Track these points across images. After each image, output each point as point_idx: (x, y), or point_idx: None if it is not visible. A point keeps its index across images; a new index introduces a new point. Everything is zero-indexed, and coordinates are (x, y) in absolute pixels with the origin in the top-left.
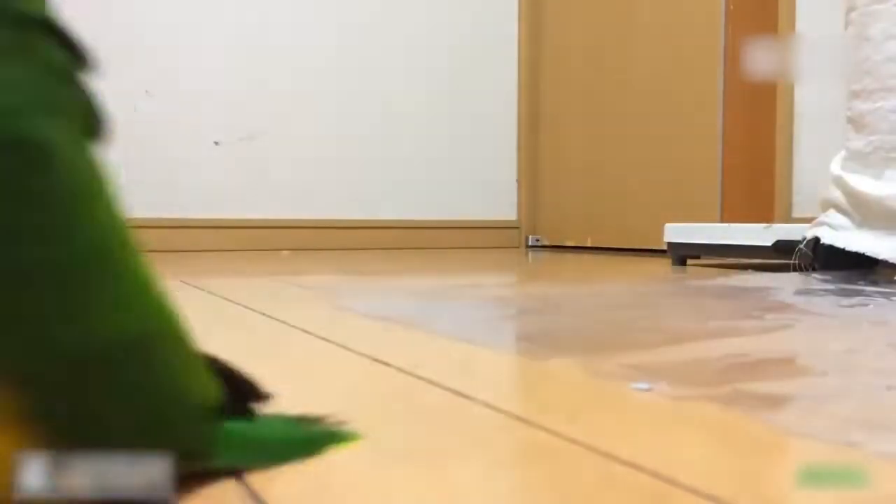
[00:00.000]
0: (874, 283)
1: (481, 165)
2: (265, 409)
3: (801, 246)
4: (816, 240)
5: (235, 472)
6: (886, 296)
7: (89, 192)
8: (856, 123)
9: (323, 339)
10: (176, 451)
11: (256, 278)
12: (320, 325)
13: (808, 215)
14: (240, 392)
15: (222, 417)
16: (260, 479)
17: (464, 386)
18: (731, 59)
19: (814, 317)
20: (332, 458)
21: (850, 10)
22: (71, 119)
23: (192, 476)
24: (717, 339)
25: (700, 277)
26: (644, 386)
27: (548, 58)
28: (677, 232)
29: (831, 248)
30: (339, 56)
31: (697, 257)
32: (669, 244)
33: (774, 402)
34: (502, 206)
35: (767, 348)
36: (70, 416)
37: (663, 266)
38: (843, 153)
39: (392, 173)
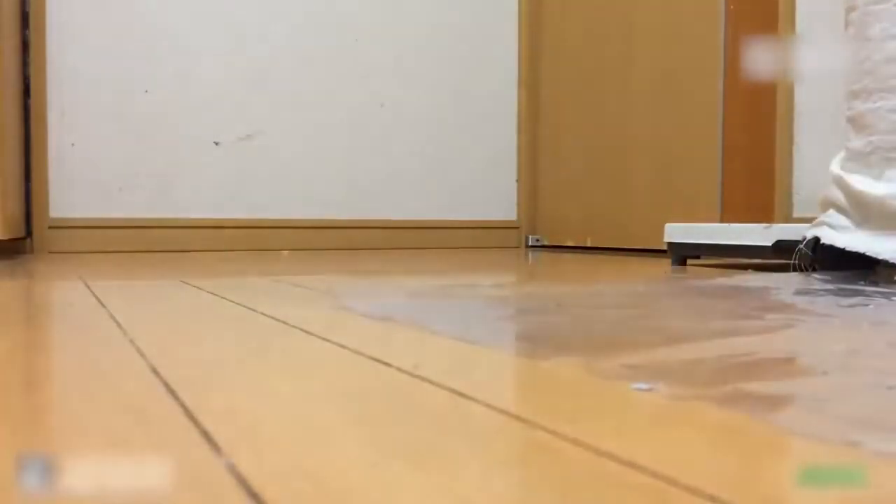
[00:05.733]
0: (874, 283)
1: (481, 165)
2: None
3: (801, 246)
4: (816, 240)
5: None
6: (886, 296)
7: None
8: (856, 123)
9: (323, 338)
10: None
11: (256, 278)
12: (320, 324)
13: (808, 215)
14: None
15: None
16: (260, 480)
17: (464, 386)
18: (731, 59)
19: (814, 317)
20: (332, 459)
21: (850, 10)
22: None
23: None
24: (717, 339)
25: (700, 277)
26: (644, 386)
27: (547, 58)
28: (677, 232)
29: (831, 248)
30: (339, 57)
31: (697, 257)
32: (669, 244)
33: (774, 402)
34: (502, 206)
35: (767, 348)
36: None
37: (663, 266)
38: (843, 153)
39: (392, 173)
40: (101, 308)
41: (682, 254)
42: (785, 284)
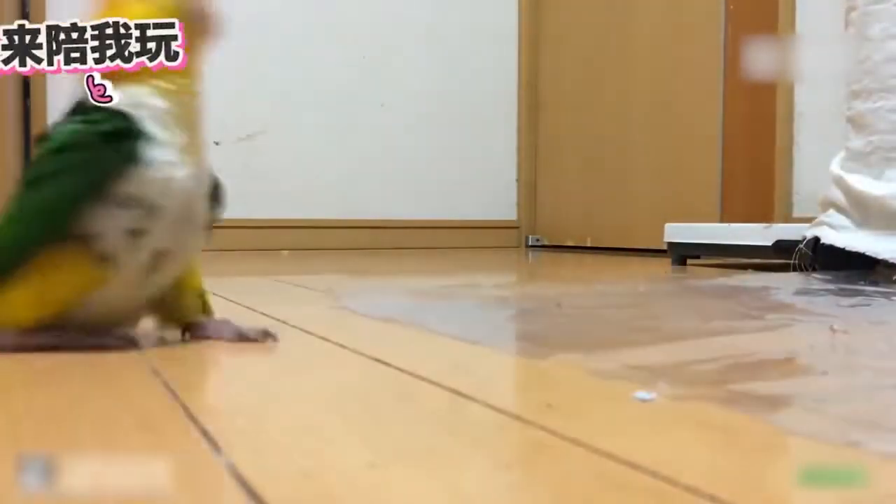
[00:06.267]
0: (874, 283)
1: (481, 165)
2: None
3: (801, 246)
4: (816, 240)
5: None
6: (886, 296)
7: None
8: (856, 123)
9: (323, 338)
10: None
11: (256, 278)
12: (320, 324)
13: (808, 215)
14: None
15: None
16: (260, 480)
17: (464, 386)
18: (731, 59)
19: (814, 317)
20: (332, 459)
21: (850, 9)
22: None
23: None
24: (718, 339)
25: (700, 277)
26: (647, 396)
27: (547, 58)
28: (677, 232)
29: (831, 248)
30: (339, 57)
31: (697, 257)
32: (669, 244)
33: (774, 402)
34: (502, 206)
35: (767, 348)
36: None
37: (663, 266)
38: (843, 153)
39: (392, 173)
40: None
41: (682, 254)
42: (785, 284)
